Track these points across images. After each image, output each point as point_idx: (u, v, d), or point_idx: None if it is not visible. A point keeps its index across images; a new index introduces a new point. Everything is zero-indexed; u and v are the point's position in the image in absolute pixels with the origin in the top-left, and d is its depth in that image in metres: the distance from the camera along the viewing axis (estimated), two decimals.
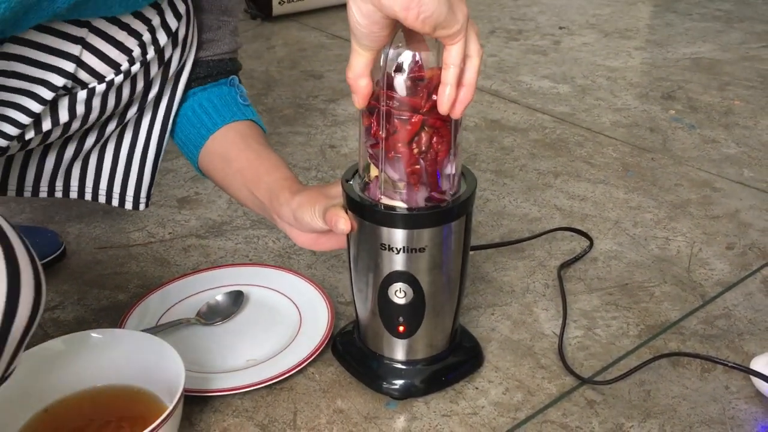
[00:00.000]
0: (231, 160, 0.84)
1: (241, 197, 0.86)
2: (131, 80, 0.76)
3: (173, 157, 1.31)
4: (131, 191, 0.88)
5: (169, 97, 0.84)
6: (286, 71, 1.76)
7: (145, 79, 0.78)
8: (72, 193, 0.87)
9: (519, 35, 2.02)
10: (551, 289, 0.96)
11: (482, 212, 1.14)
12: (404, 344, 0.77)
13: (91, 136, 0.83)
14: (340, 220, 0.72)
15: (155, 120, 0.85)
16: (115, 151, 0.86)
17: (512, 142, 1.39)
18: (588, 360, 0.84)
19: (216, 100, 0.87)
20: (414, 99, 0.66)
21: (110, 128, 0.83)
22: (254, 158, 0.84)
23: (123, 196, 0.88)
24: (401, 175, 0.69)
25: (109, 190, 0.88)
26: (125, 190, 0.88)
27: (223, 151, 0.85)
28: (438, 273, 0.74)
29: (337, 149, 1.36)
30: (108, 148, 0.86)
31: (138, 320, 0.87)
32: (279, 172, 0.82)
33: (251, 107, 0.90)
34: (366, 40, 0.60)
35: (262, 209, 0.83)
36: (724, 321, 0.91)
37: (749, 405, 0.78)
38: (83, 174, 0.87)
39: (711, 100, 1.58)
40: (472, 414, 0.77)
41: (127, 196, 0.88)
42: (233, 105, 0.88)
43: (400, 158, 0.68)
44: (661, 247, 1.06)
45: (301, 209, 0.77)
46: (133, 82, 0.77)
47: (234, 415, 0.77)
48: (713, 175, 1.26)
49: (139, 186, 0.88)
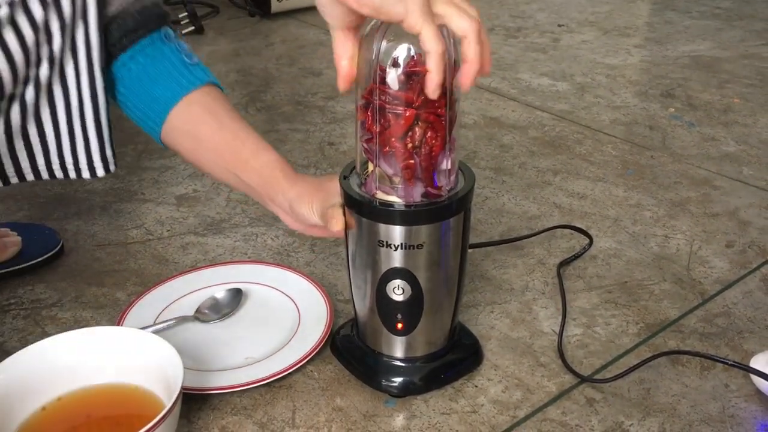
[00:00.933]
0: (203, 140, 0.83)
1: (219, 176, 0.85)
2: (13, 28, 0.72)
3: (171, 155, 1.30)
4: (83, 158, 0.85)
5: (85, 44, 0.80)
6: (284, 68, 1.76)
7: (32, 24, 0.74)
8: (27, 175, 0.85)
9: (518, 33, 2.02)
10: (550, 287, 0.96)
11: (481, 210, 1.14)
12: (403, 341, 0.77)
13: (14, 109, 0.79)
14: (332, 221, 0.73)
15: (80, 74, 0.81)
16: (53, 120, 0.82)
17: (511, 139, 1.38)
18: (587, 358, 0.84)
19: (161, 65, 0.84)
20: (406, 93, 0.65)
21: (30, 96, 0.79)
22: (231, 139, 0.83)
23: (77, 165, 0.85)
24: (396, 170, 0.69)
25: (62, 163, 0.85)
26: (77, 158, 0.85)
27: (190, 128, 0.83)
28: (436, 270, 0.74)
29: (335, 146, 1.35)
30: (45, 119, 0.82)
31: (136, 318, 0.87)
32: (265, 154, 0.82)
33: (200, 64, 0.87)
34: (327, 17, 0.62)
35: (249, 190, 0.83)
36: (724, 319, 0.90)
37: (749, 403, 0.78)
38: (30, 152, 0.84)
39: (710, 98, 1.58)
40: (471, 412, 0.76)
41: (80, 164, 0.85)
42: (182, 68, 0.85)
43: (394, 153, 0.68)
44: (660, 245, 1.05)
45: (299, 202, 0.76)
46: (16, 30, 0.73)
47: (232, 413, 0.76)
48: (713, 173, 1.26)
49: (88, 151, 0.84)
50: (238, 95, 1.58)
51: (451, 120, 0.68)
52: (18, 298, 0.94)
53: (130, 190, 1.20)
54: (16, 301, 0.93)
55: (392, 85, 0.65)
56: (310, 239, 1.06)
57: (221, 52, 1.84)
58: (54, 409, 0.71)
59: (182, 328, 0.86)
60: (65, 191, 1.18)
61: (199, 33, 1.97)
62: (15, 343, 0.85)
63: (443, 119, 0.67)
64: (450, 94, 0.67)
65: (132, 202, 1.16)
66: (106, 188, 1.20)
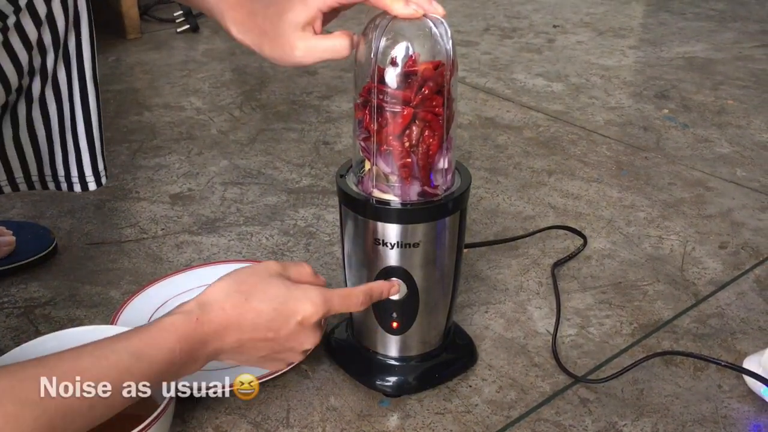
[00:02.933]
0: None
1: None
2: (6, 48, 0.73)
3: (165, 153, 1.30)
4: (74, 170, 0.85)
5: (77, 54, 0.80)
6: (279, 67, 1.75)
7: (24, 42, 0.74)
8: (21, 185, 0.85)
9: (513, 33, 2.02)
10: (545, 287, 0.96)
11: (476, 210, 1.14)
12: (398, 341, 0.77)
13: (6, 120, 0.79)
14: None
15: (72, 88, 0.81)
16: (47, 132, 0.83)
17: (506, 140, 1.38)
18: (581, 358, 0.84)
19: None
20: (404, 92, 0.66)
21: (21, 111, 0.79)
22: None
23: (69, 178, 0.85)
24: (393, 168, 0.69)
25: (54, 175, 0.85)
26: (68, 170, 0.85)
27: None
28: (432, 269, 0.74)
29: (330, 146, 1.35)
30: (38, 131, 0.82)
31: (130, 317, 0.86)
32: None
33: None
34: None
35: None
36: (717, 320, 0.91)
37: (742, 404, 0.78)
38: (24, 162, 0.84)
39: (704, 99, 1.58)
40: (465, 412, 0.77)
41: (72, 177, 0.85)
42: None
43: (392, 151, 0.68)
44: (654, 246, 1.06)
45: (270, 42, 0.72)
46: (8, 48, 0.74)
47: (226, 412, 0.76)
48: (706, 174, 1.26)
49: (80, 163, 0.84)
50: (233, 94, 1.58)
51: (448, 119, 0.68)
52: (11, 296, 0.93)
53: (124, 188, 1.19)
54: (9, 299, 0.93)
55: (390, 83, 0.66)
56: (305, 239, 1.06)
57: (217, 51, 1.84)
58: None
59: None
60: None
61: (195, 31, 1.96)
62: (8, 342, 0.85)
63: (441, 118, 0.67)
64: (447, 93, 0.67)
65: (126, 201, 1.16)
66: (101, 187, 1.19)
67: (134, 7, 1.89)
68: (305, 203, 1.15)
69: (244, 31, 0.72)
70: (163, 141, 1.36)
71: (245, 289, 0.66)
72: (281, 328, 0.66)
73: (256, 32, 0.71)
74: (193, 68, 1.73)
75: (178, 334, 0.61)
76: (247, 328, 0.65)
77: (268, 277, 0.68)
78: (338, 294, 0.70)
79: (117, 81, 1.65)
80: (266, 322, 0.65)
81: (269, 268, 0.69)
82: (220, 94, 1.58)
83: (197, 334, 0.63)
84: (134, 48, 1.86)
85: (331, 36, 0.69)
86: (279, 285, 0.67)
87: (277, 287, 0.67)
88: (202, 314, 0.63)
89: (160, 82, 1.64)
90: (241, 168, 1.26)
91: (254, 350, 0.67)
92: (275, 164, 1.28)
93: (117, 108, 1.49)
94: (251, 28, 0.72)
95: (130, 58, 1.79)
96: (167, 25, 2.00)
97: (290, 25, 0.68)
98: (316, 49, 0.69)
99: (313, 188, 1.20)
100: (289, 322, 0.66)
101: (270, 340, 0.66)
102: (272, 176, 1.24)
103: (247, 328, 0.65)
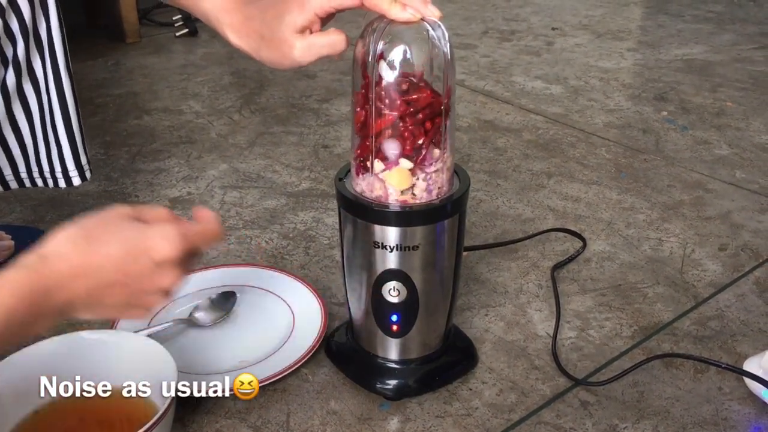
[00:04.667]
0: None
1: None
2: None
3: (165, 157, 1.30)
4: (58, 165, 0.83)
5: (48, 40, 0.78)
6: (278, 71, 1.75)
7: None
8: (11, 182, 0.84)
9: (512, 36, 2.02)
10: (545, 289, 0.96)
11: (475, 213, 1.14)
12: (398, 344, 0.77)
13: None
14: None
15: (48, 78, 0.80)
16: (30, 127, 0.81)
17: (505, 142, 1.39)
18: (581, 361, 0.84)
19: None
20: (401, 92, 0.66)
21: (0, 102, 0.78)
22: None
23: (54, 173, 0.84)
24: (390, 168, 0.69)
25: (41, 171, 0.84)
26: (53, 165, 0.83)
27: None
28: (431, 271, 0.74)
29: (330, 149, 1.35)
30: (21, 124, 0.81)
31: (130, 321, 0.86)
32: None
33: None
34: None
35: None
36: (717, 322, 0.91)
37: (742, 406, 0.78)
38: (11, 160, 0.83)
39: (703, 101, 1.59)
40: (465, 415, 0.76)
41: (56, 172, 0.84)
42: None
43: (389, 151, 0.68)
44: (654, 248, 1.06)
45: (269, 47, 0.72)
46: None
47: (226, 416, 0.76)
48: (706, 176, 1.27)
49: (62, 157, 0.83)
50: (232, 98, 1.58)
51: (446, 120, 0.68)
52: None
53: (123, 192, 1.19)
54: None
55: (388, 85, 0.66)
56: (305, 242, 1.05)
57: (215, 55, 1.84)
58: (47, 413, 0.70)
59: (176, 331, 0.86)
60: (58, 194, 1.18)
61: (194, 35, 1.96)
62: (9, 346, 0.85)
63: (439, 119, 0.67)
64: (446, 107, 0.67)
65: None
66: (100, 191, 1.19)
67: (133, 11, 1.89)
68: (305, 206, 1.15)
69: (241, 36, 0.72)
70: (163, 145, 1.36)
71: (91, 235, 0.60)
72: (132, 270, 0.60)
73: (254, 36, 0.71)
74: (192, 72, 1.73)
75: (14, 291, 0.56)
76: (95, 275, 0.59)
77: (117, 220, 0.62)
78: (195, 229, 0.64)
79: (116, 85, 1.65)
80: (115, 266, 0.60)
81: (119, 212, 0.63)
82: (219, 97, 1.58)
83: (39, 287, 0.57)
84: (133, 52, 1.86)
85: (326, 32, 0.69)
86: (129, 227, 0.61)
87: (128, 229, 0.61)
88: (42, 266, 0.58)
89: (159, 85, 1.64)
90: (240, 171, 1.26)
91: (109, 298, 0.61)
92: (275, 168, 1.28)
93: (116, 112, 1.49)
94: (248, 33, 0.72)
95: (129, 62, 1.79)
96: (166, 29, 2.00)
97: (288, 27, 0.68)
98: (314, 45, 0.68)
99: (313, 191, 1.20)
100: (140, 262, 0.60)
101: (123, 284, 0.61)
102: (272, 180, 1.24)
103: (96, 274, 0.59)
